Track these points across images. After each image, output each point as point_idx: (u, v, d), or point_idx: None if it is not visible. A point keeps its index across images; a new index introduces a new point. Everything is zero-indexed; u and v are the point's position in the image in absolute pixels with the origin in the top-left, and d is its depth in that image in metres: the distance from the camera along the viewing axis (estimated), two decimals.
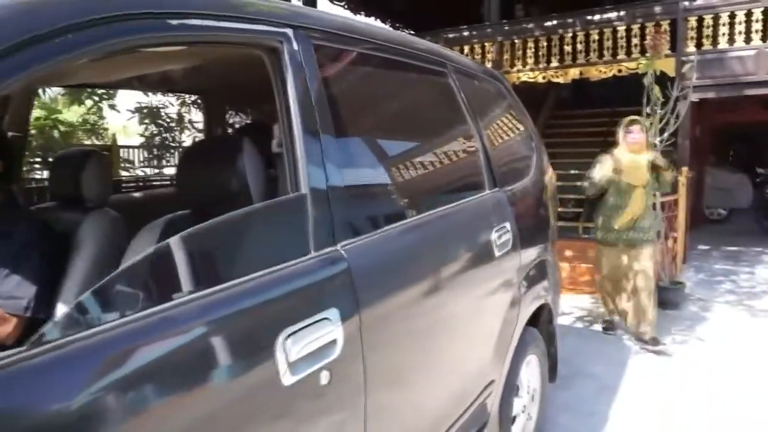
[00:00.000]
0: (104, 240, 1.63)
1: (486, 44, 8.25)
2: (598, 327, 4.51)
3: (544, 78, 7.89)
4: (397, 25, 12.04)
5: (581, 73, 7.67)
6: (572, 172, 7.06)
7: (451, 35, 8.44)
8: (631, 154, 3.94)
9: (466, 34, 8.46)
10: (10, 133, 2.04)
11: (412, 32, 11.60)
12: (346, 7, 11.25)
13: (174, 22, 1.04)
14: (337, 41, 1.43)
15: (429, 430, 1.58)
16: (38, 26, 0.84)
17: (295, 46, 1.28)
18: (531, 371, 2.44)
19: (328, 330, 1.13)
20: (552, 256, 2.62)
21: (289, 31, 1.28)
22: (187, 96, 7.71)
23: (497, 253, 1.93)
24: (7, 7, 0.86)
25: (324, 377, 1.11)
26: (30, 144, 6.04)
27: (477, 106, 2.14)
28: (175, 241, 1.00)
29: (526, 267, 2.20)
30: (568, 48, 7.74)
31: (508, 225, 2.05)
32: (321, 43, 1.36)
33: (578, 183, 5.00)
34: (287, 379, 1.03)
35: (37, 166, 6.83)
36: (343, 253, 1.24)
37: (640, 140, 3.93)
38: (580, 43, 7.64)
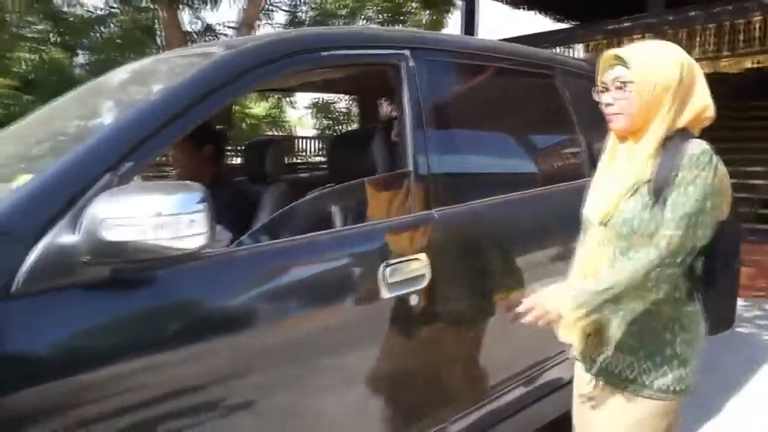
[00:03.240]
0: (277, 204, 2.24)
1: (647, 36, 7.98)
2: None
3: (715, 69, 7.44)
4: (558, 17, 11.94)
5: (758, 62, 7.12)
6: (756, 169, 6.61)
7: (610, 27, 8.29)
8: None
9: (627, 25, 8.24)
10: (217, 126, 2.78)
11: (573, 23, 11.44)
12: (505, 2, 11.43)
13: (326, 54, 1.57)
14: (445, 56, 1.86)
15: (505, 361, 1.95)
16: (265, 57, 1.45)
17: (411, 63, 1.74)
18: None
19: (418, 267, 1.59)
20: None
21: (407, 52, 1.75)
22: (347, 96, 8.58)
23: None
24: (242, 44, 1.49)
25: (413, 299, 1.57)
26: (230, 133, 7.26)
27: (584, 104, 2.42)
28: (322, 194, 1.56)
29: None
30: (742, 36, 7.21)
31: None
32: (432, 58, 1.80)
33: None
34: (384, 293, 1.51)
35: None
36: (436, 216, 1.69)
37: None
38: (759, 29, 7.08)
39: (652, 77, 1.31)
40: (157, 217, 1.03)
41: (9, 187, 1.16)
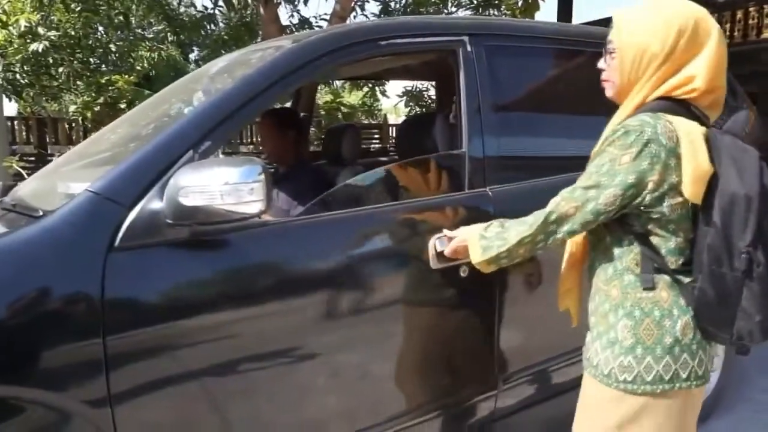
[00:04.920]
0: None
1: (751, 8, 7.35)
2: None
3: None
4: None
5: None
6: None
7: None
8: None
9: None
10: (302, 113, 3.00)
11: None
12: None
13: (384, 43, 1.71)
14: (502, 40, 1.93)
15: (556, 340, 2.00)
16: (326, 48, 1.61)
17: (469, 48, 1.84)
18: None
19: None
20: None
21: (465, 38, 1.84)
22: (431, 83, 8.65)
23: None
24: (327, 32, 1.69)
25: (462, 271, 1.67)
26: (318, 120, 7.62)
27: None
28: (385, 169, 1.76)
29: None
30: None
31: None
32: (489, 43, 1.88)
33: None
34: (434, 264, 1.63)
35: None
36: (490, 194, 1.78)
37: None
38: None
39: (638, 42, 1.20)
40: (224, 185, 1.22)
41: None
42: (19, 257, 1.18)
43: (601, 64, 1.31)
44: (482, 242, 1.39)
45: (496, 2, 8.82)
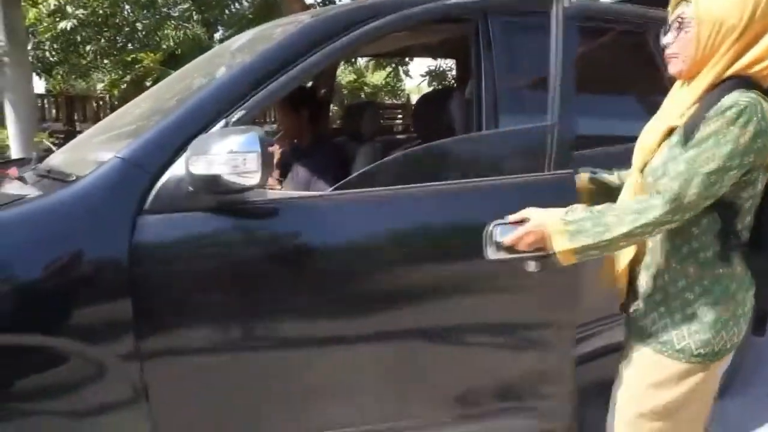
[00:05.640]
0: (371, 159, 2.47)
1: None
2: None
3: None
4: None
5: None
6: None
7: None
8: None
9: None
10: (322, 90, 3.05)
11: None
12: None
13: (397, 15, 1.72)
14: (516, 15, 1.92)
15: None
16: (342, 24, 1.56)
17: (484, 25, 1.85)
18: None
19: None
20: None
21: (480, 14, 1.85)
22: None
23: None
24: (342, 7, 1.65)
25: (531, 265, 1.32)
26: (340, 99, 7.65)
27: None
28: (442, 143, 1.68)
29: None
30: None
31: None
32: (507, 20, 1.89)
33: None
34: (490, 253, 1.33)
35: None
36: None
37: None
38: None
39: (716, 14, 1.17)
40: (228, 154, 1.23)
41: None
42: (54, 218, 1.26)
43: (666, 39, 1.25)
44: (569, 227, 1.23)
45: None
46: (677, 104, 1.26)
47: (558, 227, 1.24)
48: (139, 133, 1.41)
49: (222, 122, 1.31)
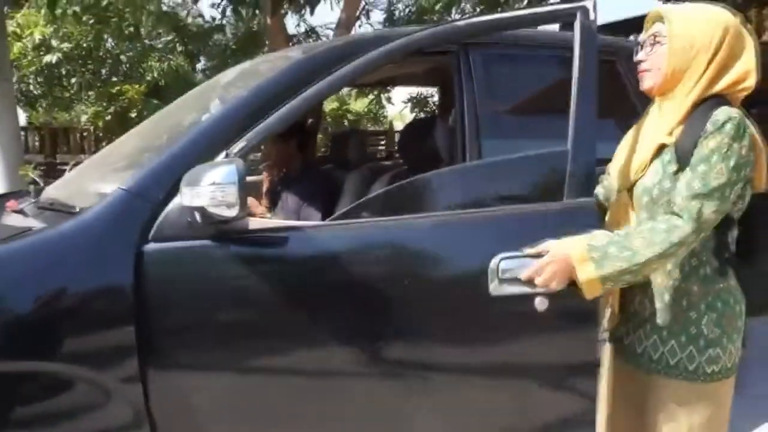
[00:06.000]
0: (357, 187, 2.54)
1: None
2: None
3: None
4: None
5: None
6: None
7: None
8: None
9: None
10: (309, 120, 3.14)
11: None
12: None
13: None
14: (498, 48, 2.04)
15: None
16: (331, 60, 1.58)
17: (465, 57, 1.95)
18: None
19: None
20: None
21: (458, 48, 1.95)
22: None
23: None
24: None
25: (540, 303, 1.29)
26: (324, 127, 7.78)
27: None
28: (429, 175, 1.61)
29: None
30: None
31: None
32: (486, 51, 2.00)
33: None
34: (493, 289, 1.31)
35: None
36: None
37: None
38: None
39: (689, 33, 1.25)
40: (210, 186, 1.23)
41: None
42: (61, 249, 1.31)
43: (640, 55, 1.32)
44: (594, 254, 1.20)
45: (500, 10, 8.97)
46: (662, 123, 1.30)
47: (582, 255, 1.20)
48: (141, 165, 1.47)
49: (223, 154, 1.35)
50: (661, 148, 1.29)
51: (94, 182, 1.72)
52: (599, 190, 1.51)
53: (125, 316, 1.31)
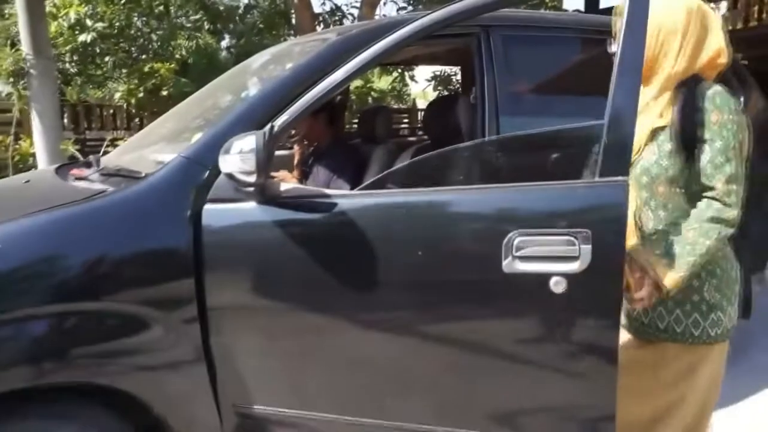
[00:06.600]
0: (386, 159, 2.72)
1: None
2: None
3: None
4: None
5: None
6: None
7: None
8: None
9: None
10: (338, 96, 3.31)
11: None
12: None
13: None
14: (518, 30, 2.18)
15: None
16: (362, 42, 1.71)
17: (486, 38, 2.10)
18: None
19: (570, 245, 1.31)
20: None
21: (480, 29, 2.10)
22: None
23: None
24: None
25: (557, 284, 1.30)
26: (351, 104, 7.93)
27: None
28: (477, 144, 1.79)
29: None
30: None
31: None
32: (506, 33, 2.14)
33: None
34: (506, 267, 1.33)
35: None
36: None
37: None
38: None
39: (656, 21, 1.32)
40: (238, 153, 1.37)
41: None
42: (135, 206, 1.53)
43: (614, 47, 1.35)
44: (664, 260, 1.31)
45: None
46: (652, 107, 1.38)
47: (659, 261, 1.31)
48: (196, 136, 1.67)
49: (268, 126, 1.48)
50: (655, 131, 1.37)
51: (153, 152, 1.93)
52: None
53: (187, 264, 1.51)
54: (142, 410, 1.54)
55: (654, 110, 1.38)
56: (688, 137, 1.32)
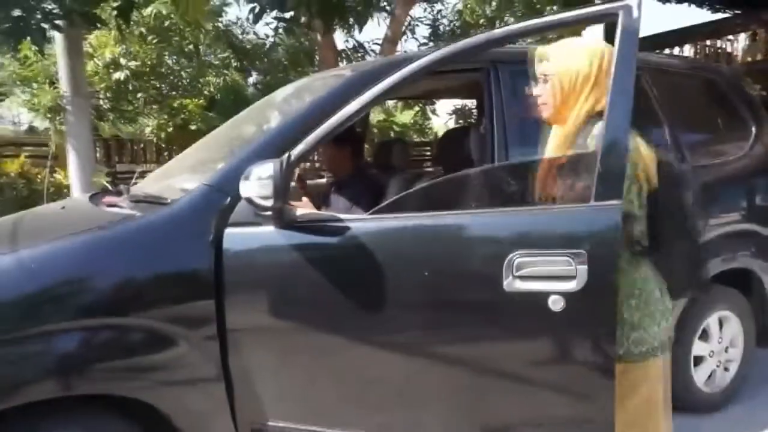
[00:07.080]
0: (402, 187, 2.80)
1: None
2: None
3: None
4: (717, 6, 11.25)
5: None
6: None
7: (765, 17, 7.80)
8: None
9: None
10: (358, 129, 3.44)
11: (733, 11, 10.74)
12: None
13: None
14: (519, 65, 2.27)
15: None
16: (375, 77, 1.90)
17: (495, 73, 2.21)
18: (728, 325, 2.83)
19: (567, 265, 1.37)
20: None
21: (489, 64, 2.21)
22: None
23: None
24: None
25: (555, 302, 1.36)
26: (371, 138, 8.12)
27: (671, 100, 2.67)
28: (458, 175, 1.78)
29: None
30: None
31: None
32: (514, 69, 2.24)
33: None
34: (507, 286, 1.40)
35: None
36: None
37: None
38: None
39: (573, 67, 1.46)
40: (257, 180, 1.47)
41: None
42: (161, 229, 1.65)
43: (537, 90, 1.53)
44: None
45: None
46: (570, 141, 1.48)
47: None
48: (219, 166, 1.79)
49: (286, 155, 1.57)
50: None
51: (178, 181, 2.05)
52: None
53: (207, 284, 1.61)
54: (161, 422, 1.62)
55: (561, 145, 1.50)
56: None
